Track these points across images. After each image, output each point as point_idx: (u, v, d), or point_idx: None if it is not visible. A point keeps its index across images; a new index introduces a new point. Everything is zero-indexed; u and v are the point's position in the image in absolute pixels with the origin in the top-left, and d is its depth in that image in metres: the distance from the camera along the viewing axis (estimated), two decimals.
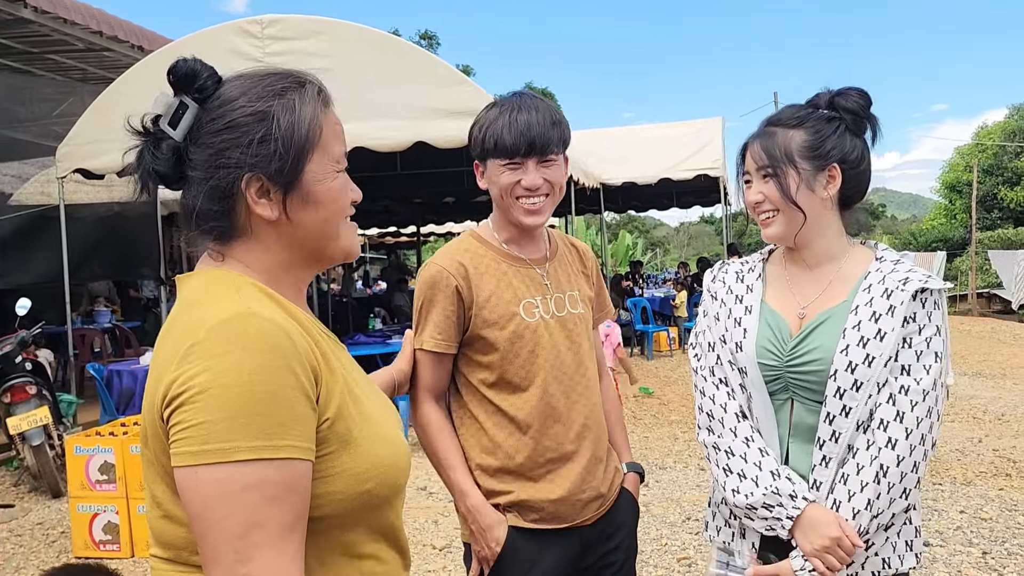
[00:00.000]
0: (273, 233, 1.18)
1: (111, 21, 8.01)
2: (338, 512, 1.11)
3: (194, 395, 0.99)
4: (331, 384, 1.12)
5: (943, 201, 34.81)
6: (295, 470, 1.02)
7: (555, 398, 1.95)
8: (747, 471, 1.72)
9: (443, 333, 1.96)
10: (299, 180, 1.16)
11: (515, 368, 1.94)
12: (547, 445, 1.95)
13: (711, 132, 12.70)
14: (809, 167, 1.73)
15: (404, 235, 21.07)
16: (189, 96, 1.14)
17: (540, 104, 1.94)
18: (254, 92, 1.16)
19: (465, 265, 1.97)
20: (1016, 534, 4.71)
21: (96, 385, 6.62)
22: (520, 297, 1.97)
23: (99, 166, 7.43)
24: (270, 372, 1.01)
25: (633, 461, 2.19)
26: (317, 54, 6.82)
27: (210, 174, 1.13)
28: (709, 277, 1.94)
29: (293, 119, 1.15)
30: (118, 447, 4.61)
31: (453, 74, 7.01)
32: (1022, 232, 26.67)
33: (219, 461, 0.98)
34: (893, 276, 1.72)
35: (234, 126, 1.13)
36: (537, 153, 1.90)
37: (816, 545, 1.64)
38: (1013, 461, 6.32)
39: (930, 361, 1.66)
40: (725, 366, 1.80)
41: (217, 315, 1.05)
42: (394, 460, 1.18)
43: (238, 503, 0.98)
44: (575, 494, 1.96)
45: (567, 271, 2.08)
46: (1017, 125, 32.07)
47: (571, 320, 2.01)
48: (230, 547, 0.98)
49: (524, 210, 1.94)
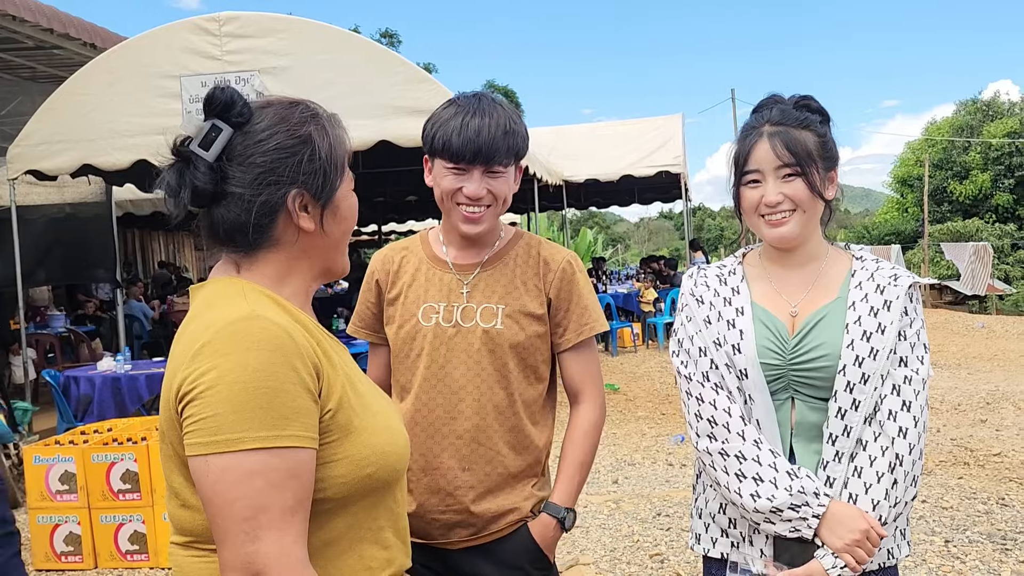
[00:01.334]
0: (303, 244, 1.31)
1: (62, 18, 7.79)
2: (342, 494, 1.22)
3: (204, 391, 1.11)
4: (332, 378, 1.23)
5: (895, 195, 35.54)
6: (297, 458, 1.13)
7: (428, 407, 1.91)
8: (763, 474, 1.69)
9: (362, 320, 2.05)
10: (335, 196, 1.32)
11: (403, 369, 1.95)
12: (414, 455, 1.87)
13: (671, 129, 12.81)
14: (823, 168, 1.75)
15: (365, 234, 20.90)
16: (226, 121, 1.25)
17: (497, 111, 1.86)
18: (293, 119, 1.29)
19: (393, 260, 2.01)
20: (976, 522, 4.81)
21: (52, 392, 6.45)
22: (423, 300, 1.94)
23: (52, 167, 7.25)
24: (273, 369, 1.12)
25: (556, 503, 1.95)
26: (276, 52, 6.74)
27: (260, 191, 1.25)
28: (689, 282, 1.91)
29: (331, 141, 1.31)
30: (79, 456, 4.49)
31: (416, 72, 6.96)
32: (970, 225, 27.37)
33: (228, 450, 1.09)
34: (881, 273, 1.78)
35: (283, 147, 1.26)
36: (482, 162, 1.83)
37: (847, 540, 1.63)
38: (971, 450, 6.47)
39: (921, 352, 1.73)
40: (721, 369, 1.77)
41: (225, 318, 1.17)
42: (393, 447, 1.29)
43: (246, 488, 1.09)
44: (431, 512, 1.90)
45: (500, 281, 1.94)
46: (965, 120, 32.89)
47: (475, 333, 1.90)
48: (239, 528, 1.09)
49: (463, 216, 1.88)
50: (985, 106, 32.84)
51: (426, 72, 7.27)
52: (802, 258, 1.82)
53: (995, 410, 8.03)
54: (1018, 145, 30.22)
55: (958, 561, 4.23)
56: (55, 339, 9.77)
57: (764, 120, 1.78)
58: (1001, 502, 5.17)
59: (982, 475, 5.80)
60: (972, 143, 31.59)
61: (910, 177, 33.28)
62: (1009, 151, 30.37)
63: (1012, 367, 11.01)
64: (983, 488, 5.48)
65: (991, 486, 5.53)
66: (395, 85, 6.76)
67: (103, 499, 4.48)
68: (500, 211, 1.92)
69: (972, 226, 27.06)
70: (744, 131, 1.82)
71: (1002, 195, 30.39)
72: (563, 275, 1.97)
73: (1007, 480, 5.66)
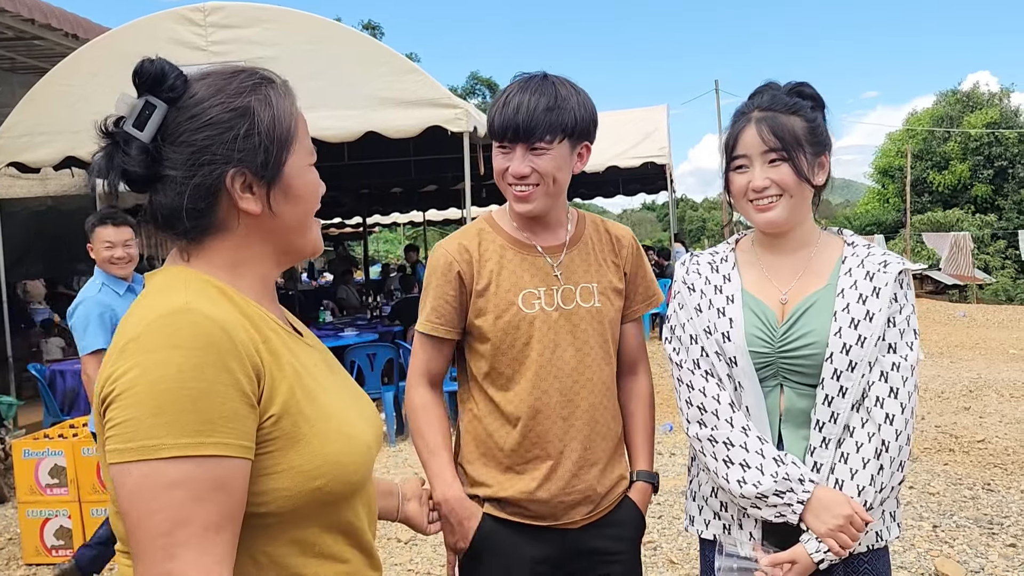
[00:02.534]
0: (251, 228, 1.19)
1: (43, 8, 7.69)
2: (287, 508, 1.11)
3: (123, 392, 1.00)
4: (277, 380, 1.11)
5: (876, 186, 35.78)
6: (224, 468, 1.02)
7: (547, 394, 1.87)
8: (750, 460, 1.72)
9: (441, 317, 1.91)
10: (281, 174, 1.18)
11: (507, 360, 1.88)
12: (534, 441, 1.88)
13: (656, 120, 12.84)
14: (811, 153, 1.76)
15: (349, 226, 20.82)
16: (158, 97, 1.13)
17: (546, 88, 1.82)
18: (230, 89, 1.16)
19: (470, 249, 1.92)
20: (963, 507, 4.88)
21: (38, 386, 6.39)
22: (520, 286, 1.89)
23: (35, 159, 7.17)
24: (201, 369, 1.01)
25: (647, 470, 2.04)
26: (262, 42, 6.68)
27: (193, 172, 1.13)
28: (682, 269, 1.93)
29: (273, 113, 1.17)
30: (69, 450, 4.46)
31: (403, 63, 6.93)
32: (951, 215, 27.63)
33: (144, 458, 0.98)
34: (871, 259, 1.78)
35: (216, 122, 1.13)
36: (522, 139, 1.81)
37: (830, 525, 1.66)
38: (955, 436, 6.55)
39: (911, 338, 1.74)
40: (711, 357, 1.79)
41: (154, 312, 1.06)
42: (349, 457, 1.16)
43: (164, 500, 0.98)
44: (558, 495, 1.89)
45: (588, 261, 1.96)
46: (944, 111, 33.13)
47: (579, 314, 1.91)
48: (155, 544, 0.98)
49: (514, 196, 1.87)
50: (965, 97, 33.09)
51: (413, 63, 7.24)
52: (793, 244, 1.83)
53: (978, 398, 8.13)
54: (997, 136, 30.51)
55: (946, 545, 4.28)
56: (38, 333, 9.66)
57: (754, 106, 1.80)
58: (987, 487, 5.25)
59: (967, 461, 5.88)
60: (952, 134, 31.85)
61: (891, 167, 33.53)
62: (988, 141, 30.65)
63: (993, 355, 11.15)
64: (968, 474, 5.55)
65: (976, 472, 5.60)
66: (382, 76, 6.73)
67: (94, 492, 4.45)
68: (553, 190, 1.87)
69: (953, 216, 27.33)
70: (734, 116, 1.83)
71: (981, 186, 30.68)
72: (633, 249, 2.06)
73: (991, 466, 5.74)
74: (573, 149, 1.88)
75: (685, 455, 6.05)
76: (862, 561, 1.78)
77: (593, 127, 1.90)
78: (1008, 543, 4.29)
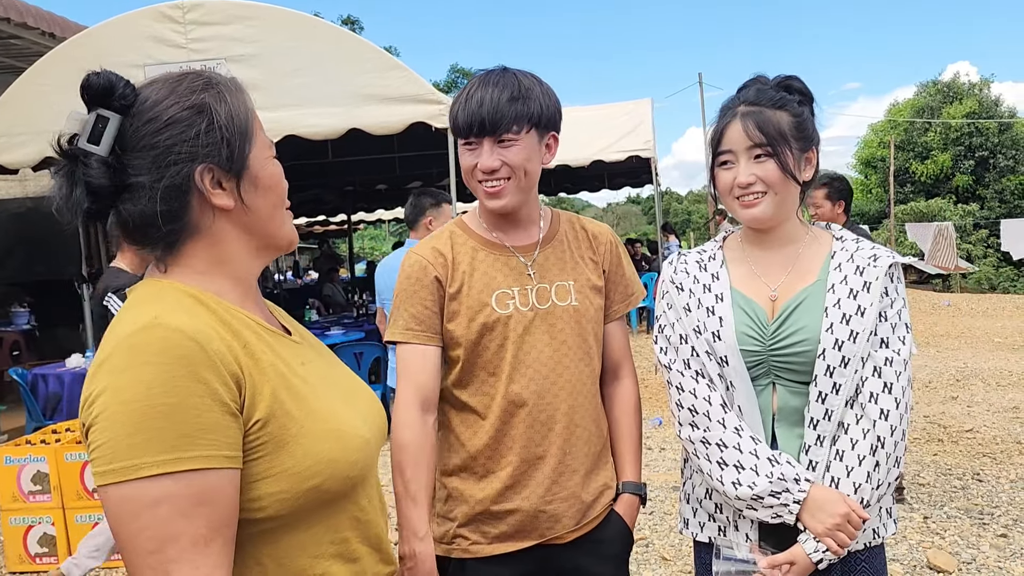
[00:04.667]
0: (226, 225, 1.20)
1: (19, 7, 7.56)
2: (286, 511, 1.11)
3: (99, 414, 1.01)
4: (259, 385, 1.11)
5: (859, 176, 35.97)
6: (208, 480, 1.02)
7: (521, 395, 1.80)
8: (744, 461, 1.69)
9: (422, 324, 1.83)
10: (247, 166, 1.20)
11: (482, 362, 1.82)
12: (508, 446, 1.80)
13: (641, 113, 12.79)
14: (797, 148, 1.73)
15: (333, 223, 20.70)
16: (109, 108, 1.13)
17: (507, 79, 1.78)
18: (181, 89, 1.17)
19: (444, 253, 1.87)
20: (953, 498, 4.89)
21: (20, 390, 6.30)
22: (493, 287, 1.83)
23: (12, 160, 7.04)
24: (172, 383, 1.01)
25: (634, 481, 1.95)
26: (243, 39, 6.59)
27: (161, 174, 1.13)
28: (670, 269, 1.89)
29: (229, 108, 1.19)
30: (51, 456, 4.39)
31: (387, 59, 6.86)
32: (933, 205, 27.81)
33: (125, 479, 0.99)
34: (860, 254, 1.76)
35: (176, 121, 1.14)
36: (488, 133, 1.75)
37: (828, 524, 1.63)
38: (944, 427, 6.57)
39: (903, 332, 1.72)
40: (702, 357, 1.76)
41: (124, 331, 1.06)
42: (342, 454, 1.17)
43: (148, 519, 0.99)
44: (538, 504, 1.81)
45: (564, 258, 1.91)
46: (925, 102, 33.32)
47: (555, 313, 1.85)
48: (146, 562, 0.99)
49: (485, 192, 1.81)
50: (945, 87, 33.29)
51: (396, 59, 7.17)
52: (780, 240, 1.81)
53: (965, 387, 8.18)
54: (977, 126, 30.72)
55: (938, 536, 4.29)
56: (20, 336, 9.55)
57: (740, 100, 1.77)
58: (976, 477, 5.26)
59: (956, 451, 5.90)
60: (933, 124, 32.04)
61: (874, 158, 33.70)
62: (969, 132, 30.86)
63: (979, 344, 11.22)
64: (958, 464, 5.57)
65: (965, 462, 5.62)
66: (365, 72, 6.65)
67: (78, 498, 4.39)
68: (524, 184, 1.82)
69: (935, 206, 27.50)
70: (720, 112, 1.81)
71: (962, 176, 30.89)
72: (610, 247, 1.99)
73: (981, 455, 5.76)
74: (541, 139, 1.83)
75: (675, 449, 6.04)
76: (859, 559, 1.77)
77: (558, 116, 1.86)
78: (999, 533, 4.30)
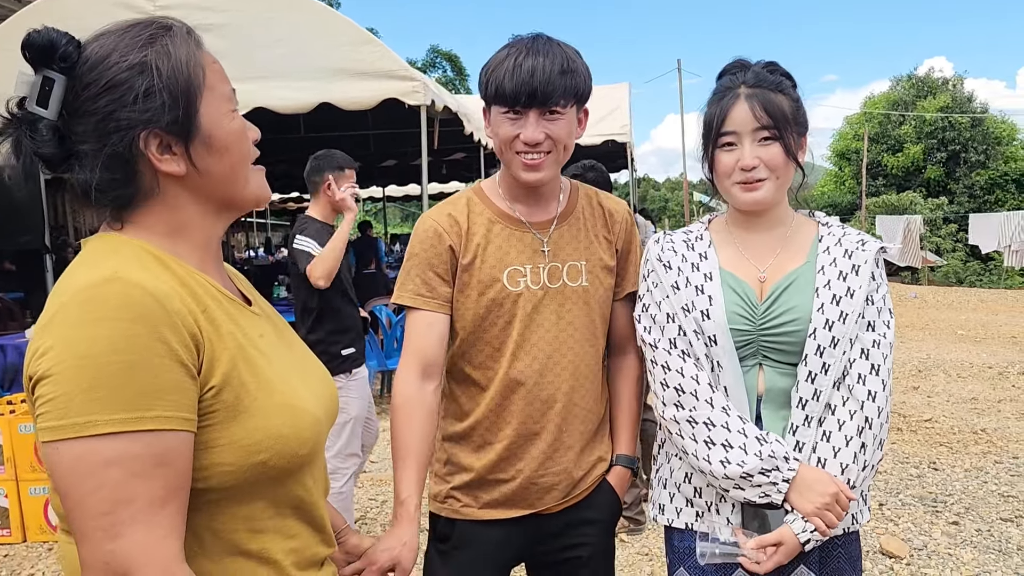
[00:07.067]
0: (181, 189, 1.14)
1: None
2: (230, 484, 1.08)
3: (52, 367, 0.96)
4: (218, 351, 1.08)
5: (833, 168, 36.25)
6: (165, 442, 0.98)
7: (523, 373, 1.80)
8: (732, 440, 1.67)
9: (432, 291, 1.81)
10: (197, 127, 1.12)
11: (488, 338, 1.81)
12: (506, 419, 1.82)
13: (618, 97, 12.79)
14: (796, 133, 1.73)
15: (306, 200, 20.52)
16: (53, 69, 1.06)
17: (553, 49, 1.71)
18: (123, 46, 1.09)
19: (460, 221, 1.83)
20: (909, 485, 4.97)
21: None
22: (506, 263, 1.80)
23: None
24: (131, 340, 0.97)
25: (627, 454, 1.97)
26: (213, 8, 6.47)
27: (103, 141, 1.07)
28: (656, 247, 1.87)
29: (172, 64, 1.10)
30: (5, 427, 4.31)
31: (360, 33, 6.78)
32: (904, 198, 28.10)
33: (78, 436, 0.95)
34: (848, 238, 1.78)
35: (114, 85, 1.07)
36: (539, 104, 1.69)
37: (816, 504, 1.63)
38: (904, 416, 6.66)
39: (887, 317, 1.74)
40: (689, 335, 1.74)
41: (79, 283, 1.01)
42: (293, 431, 1.13)
43: (102, 479, 0.95)
44: (532, 477, 1.83)
45: (579, 237, 1.87)
46: (900, 96, 33.62)
47: (564, 293, 1.83)
48: (96, 524, 0.96)
49: (523, 164, 1.75)
50: (920, 82, 33.59)
51: (370, 34, 7.08)
52: (770, 222, 1.80)
53: (926, 377, 8.30)
54: (951, 120, 31.05)
55: (891, 523, 4.35)
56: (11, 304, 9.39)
57: (740, 81, 1.74)
58: (932, 466, 5.34)
59: (914, 440, 5.98)
60: (907, 118, 32.34)
61: (848, 150, 33.97)
62: (942, 126, 31.19)
63: (943, 336, 11.39)
64: (915, 453, 5.65)
65: (923, 451, 5.70)
66: (339, 46, 6.58)
67: (32, 470, 4.32)
68: (561, 158, 1.78)
69: (906, 199, 27.79)
70: (719, 93, 1.76)
71: (933, 169, 31.25)
72: (625, 225, 1.96)
73: (938, 444, 5.85)
74: (577, 115, 1.80)
75: None
76: (836, 544, 1.77)
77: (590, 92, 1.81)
78: (951, 520, 4.38)
